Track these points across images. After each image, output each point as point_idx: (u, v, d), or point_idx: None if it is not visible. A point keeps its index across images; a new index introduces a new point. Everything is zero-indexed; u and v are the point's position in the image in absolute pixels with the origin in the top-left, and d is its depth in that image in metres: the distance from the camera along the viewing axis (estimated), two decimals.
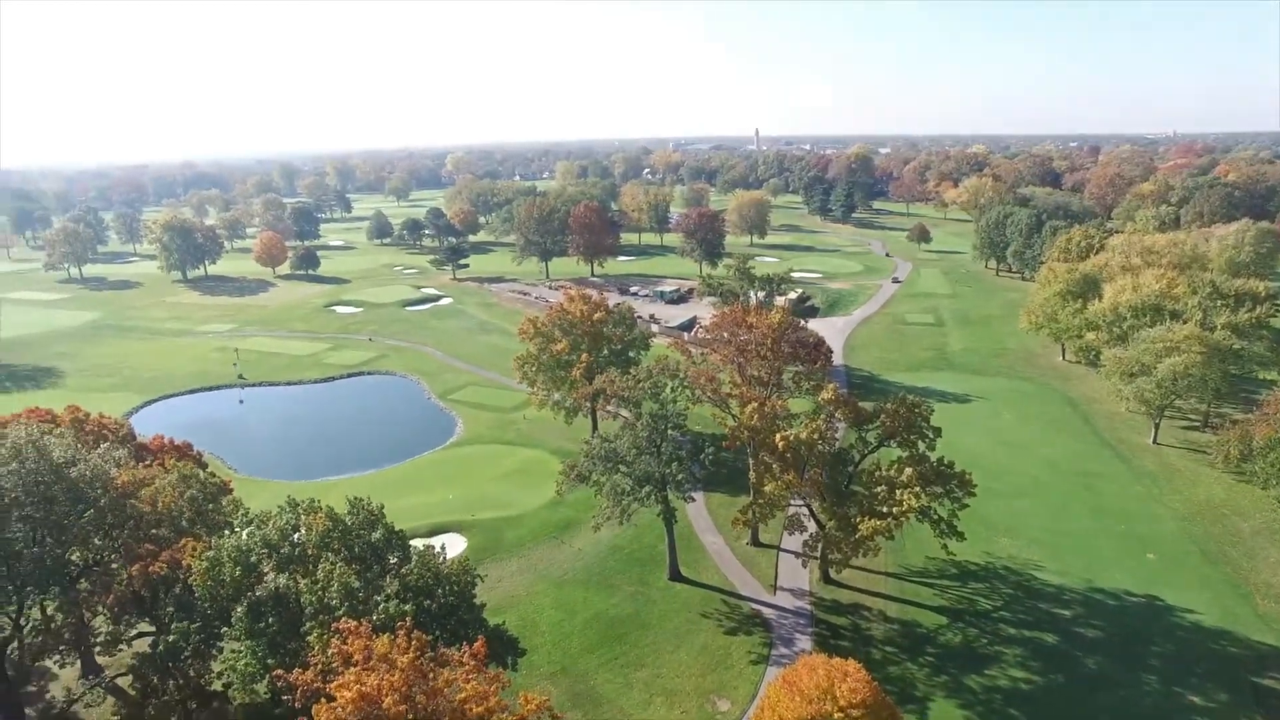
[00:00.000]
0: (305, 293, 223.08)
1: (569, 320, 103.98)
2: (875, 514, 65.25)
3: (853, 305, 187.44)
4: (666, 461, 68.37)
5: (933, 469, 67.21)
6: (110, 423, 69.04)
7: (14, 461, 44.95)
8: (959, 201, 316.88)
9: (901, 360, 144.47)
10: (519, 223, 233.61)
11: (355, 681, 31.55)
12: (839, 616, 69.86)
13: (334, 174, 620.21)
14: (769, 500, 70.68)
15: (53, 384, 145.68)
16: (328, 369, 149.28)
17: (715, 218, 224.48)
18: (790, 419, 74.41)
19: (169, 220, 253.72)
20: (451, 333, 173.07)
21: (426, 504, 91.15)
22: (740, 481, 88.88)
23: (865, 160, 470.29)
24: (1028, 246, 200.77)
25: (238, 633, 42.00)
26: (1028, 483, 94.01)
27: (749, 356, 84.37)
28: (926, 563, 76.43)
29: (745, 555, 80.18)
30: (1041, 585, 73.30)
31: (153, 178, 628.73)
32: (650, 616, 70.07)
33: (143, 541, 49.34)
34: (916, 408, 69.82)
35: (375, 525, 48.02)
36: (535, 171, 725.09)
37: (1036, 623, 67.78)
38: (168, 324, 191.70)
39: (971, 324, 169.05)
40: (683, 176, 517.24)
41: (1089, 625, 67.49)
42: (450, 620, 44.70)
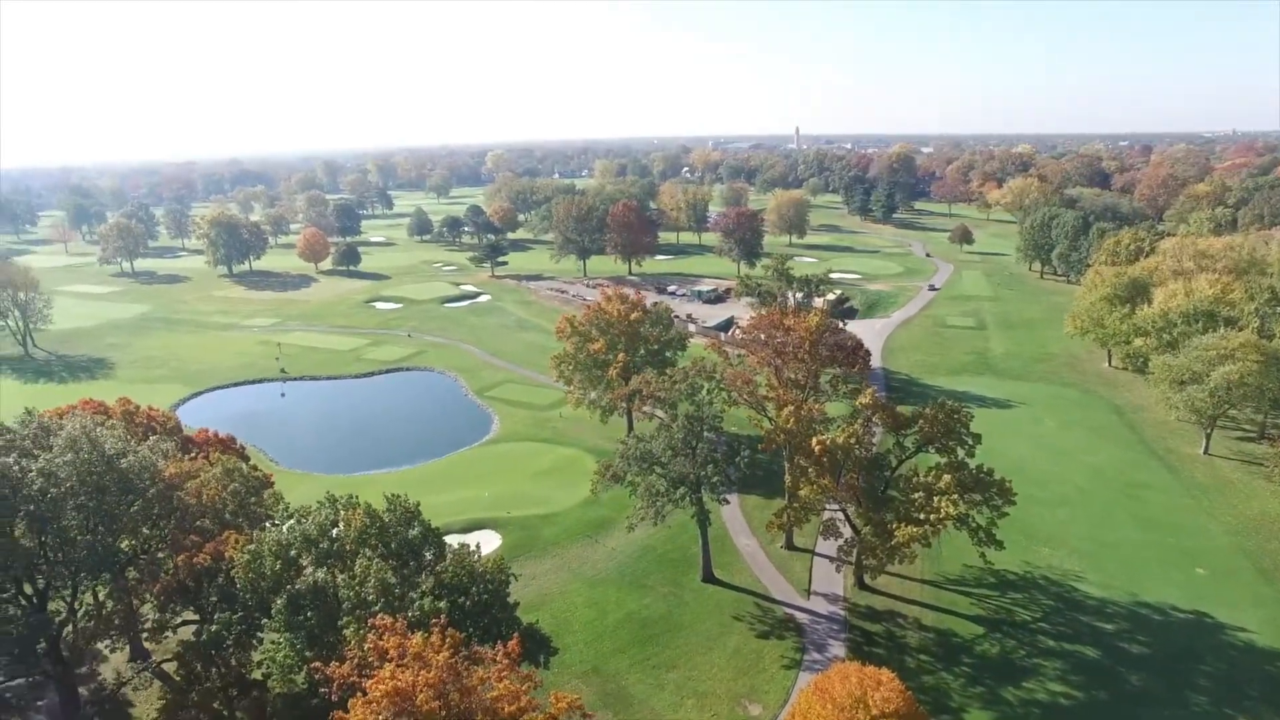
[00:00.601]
0: (346, 288, 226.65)
1: (606, 320, 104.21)
2: (912, 521, 64.33)
3: (892, 307, 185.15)
4: (702, 463, 68.15)
5: (972, 476, 65.99)
6: (158, 415, 70.96)
7: (70, 452, 46.51)
8: (1003, 202, 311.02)
9: (941, 364, 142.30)
10: (557, 221, 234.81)
11: (390, 678, 32.02)
12: (873, 623, 69.03)
13: (376, 171, 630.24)
14: (804, 504, 70.23)
15: (105, 374, 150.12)
16: (367, 364, 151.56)
17: (754, 217, 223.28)
18: (827, 423, 73.65)
19: (216, 216, 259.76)
20: (489, 330, 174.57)
21: (462, 500, 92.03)
22: (776, 484, 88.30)
23: (907, 160, 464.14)
24: (1074, 249, 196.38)
25: (277, 625, 42.91)
26: (1070, 491, 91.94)
27: (786, 359, 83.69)
28: (964, 571, 75.15)
29: (779, 559, 79.65)
30: (1083, 597, 71.58)
31: (201, 174, 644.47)
32: (683, 618, 69.96)
33: (188, 533, 50.72)
34: (955, 413, 68.64)
35: (412, 522, 48.66)
36: (574, 169, 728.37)
37: (1077, 636, 66.20)
38: (214, 318, 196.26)
39: (1014, 328, 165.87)
40: (721, 175, 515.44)
41: (1133, 640, 65.71)
42: (484, 618, 45.09)
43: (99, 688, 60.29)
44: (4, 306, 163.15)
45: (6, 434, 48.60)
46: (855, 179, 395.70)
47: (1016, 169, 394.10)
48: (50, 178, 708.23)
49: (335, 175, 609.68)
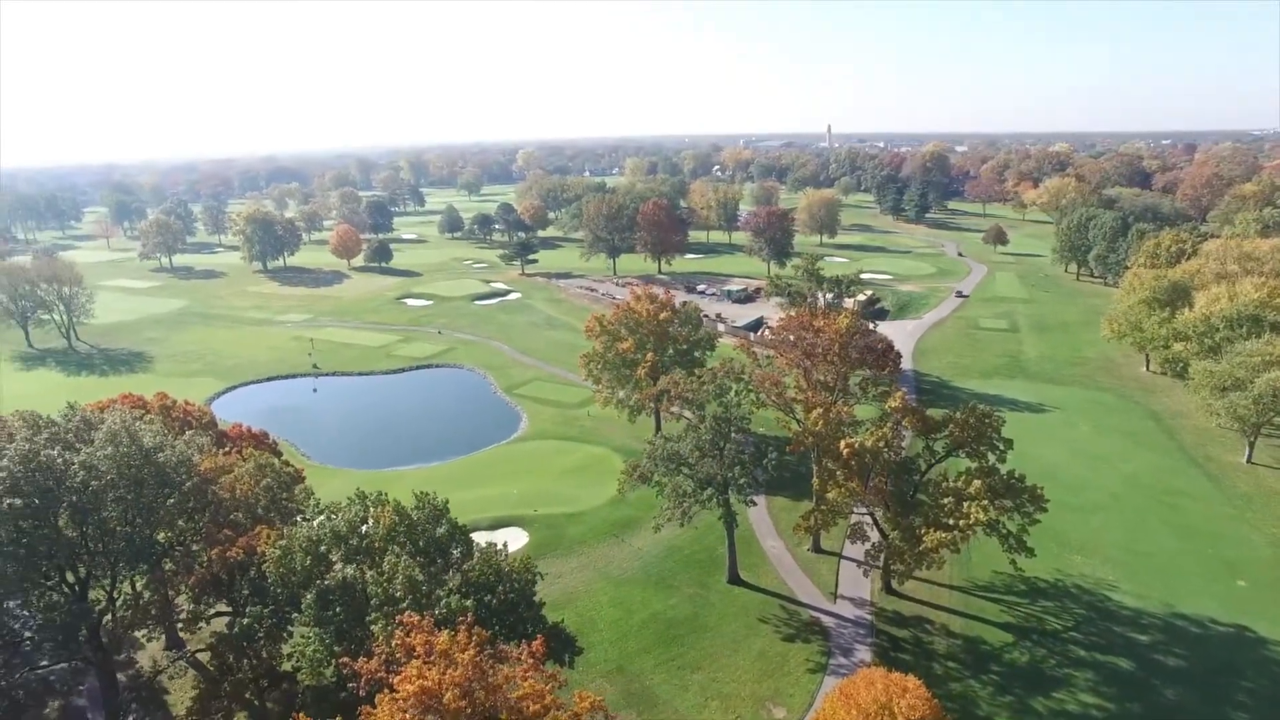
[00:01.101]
0: (378, 285, 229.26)
1: (635, 319, 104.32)
2: (941, 526, 63.61)
3: (924, 308, 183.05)
4: (729, 465, 67.98)
5: (1003, 482, 65.09)
6: (194, 410, 72.48)
7: (110, 446, 47.73)
8: (1039, 202, 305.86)
9: (973, 366, 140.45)
10: (588, 219, 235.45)
11: (417, 675, 32.41)
12: (900, 629, 68.38)
13: (408, 168, 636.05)
14: (831, 508, 69.75)
15: (144, 368, 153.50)
16: (398, 360, 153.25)
17: (784, 216, 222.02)
18: (856, 425, 73.11)
19: (252, 213, 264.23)
20: (519, 327, 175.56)
21: (490, 497, 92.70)
22: (803, 486, 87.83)
23: (941, 158, 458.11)
24: (1111, 250, 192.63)
25: (307, 619, 43.66)
26: (1105, 498, 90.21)
27: (815, 361, 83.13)
28: (993, 577, 74.11)
29: (806, 561, 79.20)
30: (1117, 607, 70.22)
31: (238, 171, 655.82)
32: (708, 619, 69.87)
33: (222, 527, 51.82)
34: (987, 418, 67.74)
35: (440, 520, 49.18)
36: (605, 167, 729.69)
37: (1110, 646, 64.97)
38: (248, 313, 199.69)
39: (1048, 330, 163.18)
40: (752, 174, 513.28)
41: (1169, 653, 64.28)
42: (510, 617, 45.46)
43: (136, 675, 61.87)
44: (49, 301, 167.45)
45: (51, 427, 49.99)
46: (888, 178, 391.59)
47: (1053, 168, 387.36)
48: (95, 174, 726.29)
49: (368, 172, 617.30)
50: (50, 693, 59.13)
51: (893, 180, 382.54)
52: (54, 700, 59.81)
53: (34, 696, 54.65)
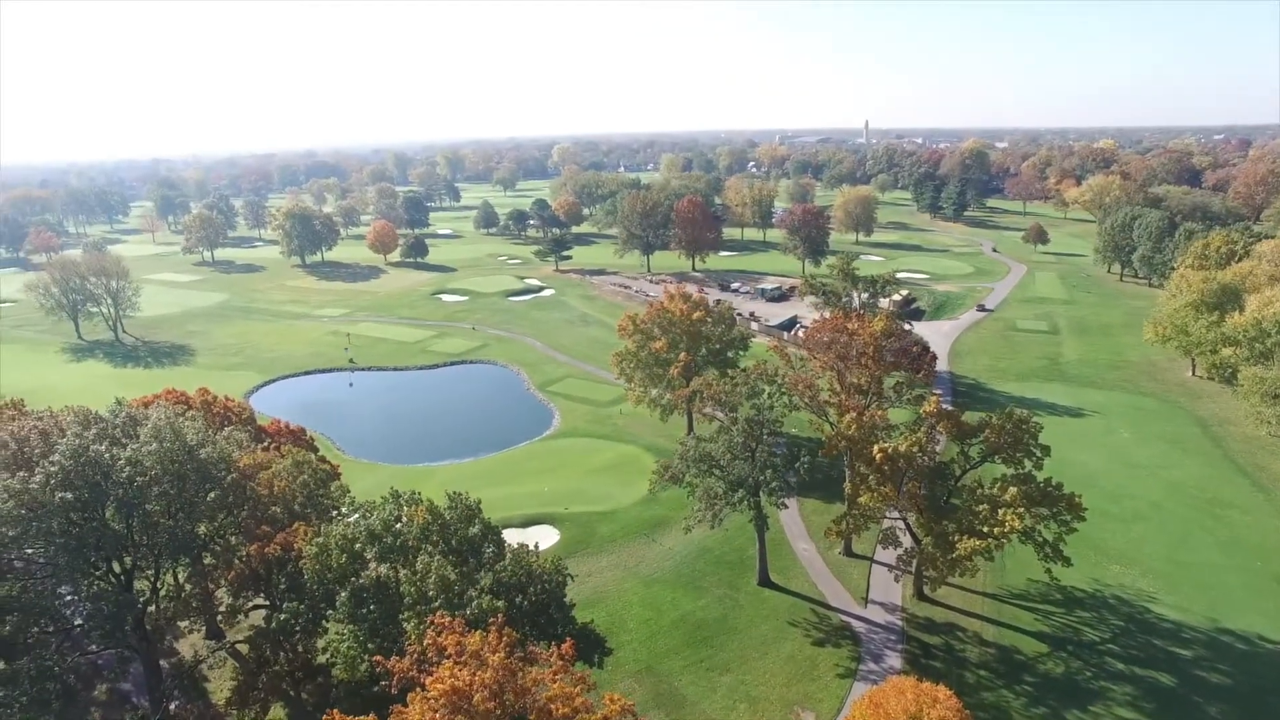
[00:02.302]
0: (414, 280, 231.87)
1: (668, 319, 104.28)
2: (975, 533, 62.78)
3: (960, 309, 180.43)
4: (761, 467, 67.79)
5: (1039, 489, 63.97)
6: (234, 405, 74.10)
7: (154, 442, 49.14)
8: (1081, 201, 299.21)
9: (1010, 369, 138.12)
10: (622, 216, 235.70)
11: (449, 676, 32.93)
12: (932, 635, 67.70)
13: (444, 164, 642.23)
14: (863, 512, 69.26)
15: (186, 361, 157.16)
16: (432, 356, 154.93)
17: (820, 214, 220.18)
18: (889, 429, 72.41)
19: (291, 208, 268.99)
20: (552, 324, 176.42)
21: (522, 495, 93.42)
22: (835, 488, 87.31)
23: (980, 155, 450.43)
24: (1157, 251, 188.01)
25: (341, 616, 44.56)
26: (1145, 507, 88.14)
27: (849, 363, 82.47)
28: (1028, 585, 73.00)
29: (837, 565, 78.73)
30: (1157, 620, 68.65)
31: (278, 166, 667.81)
32: (738, 621, 69.83)
33: (260, 522, 53.06)
34: (1024, 424, 66.67)
35: (472, 520, 49.78)
36: (640, 163, 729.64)
37: (1150, 660, 63.58)
38: (287, 307, 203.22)
39: (1089, 332, 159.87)
40: (788, 171, 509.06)
41: (1213, 669, 62.59)
42: (540, 618, 45.93)
43: (178, 663, 63.55)
44: (98, 294, 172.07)
45: (99, 423, 51.52)
46: (925, 175, 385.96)
47: (1097, 165, 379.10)
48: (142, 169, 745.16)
49: (405, 168, 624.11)
50: (99, 677, 61.23)
51: (930, 177, 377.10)
52: (102, 684, 61.89)
53: (84, 680, 56.66)
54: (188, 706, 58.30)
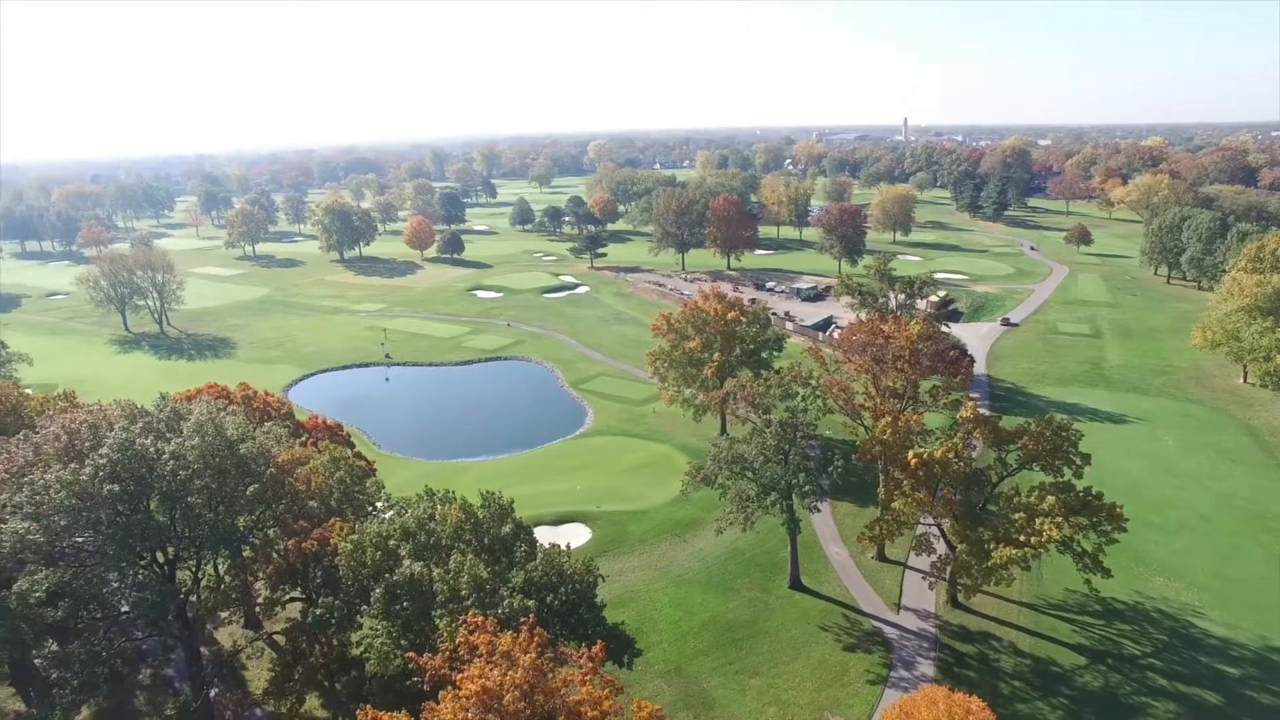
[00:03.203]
0: (450, 276, 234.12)
1: (703, 318, 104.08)
2: (1011, 542, 61.64)
3: (1000, 310, 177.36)
4: (794, 471, 67.33)
5: (1079, 498, 62.57)
6: (274, 401, 75.61)
7: (197, 437, 50.38)
8: (1127, 200, 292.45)
9: (1050, 373, 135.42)
10: (657, 213, 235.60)
11: (479, 676, 33.32)
12: (966, 644, 66.75)
13: (481, 160, 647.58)
14: (897, 518, 68.44)
15: (228, 354, 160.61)
16: (467, 352, 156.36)
17: (857, 214, 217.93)
18: (925, 435, 71.52)
19: (330, 203, 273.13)
20: (587, 321, 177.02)
21: (554, 492, 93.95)
22: (869, 492, 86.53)
23: (1022, 153, 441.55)
24: (1208, 253, 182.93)
25: (375, 612, 45.26)
26: (1191, 519, 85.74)
27: (885, 367, 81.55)
28: (1066, 595, 71.59)
29: (869, 569, 78.02)
30: (1202, 635, 66.73)
31: (319, 162, 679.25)
32: (768, 624, 69.53)
33: (297, 517, 54.13)
34: (1064, 431, 65.34)
35: (505, 519, 50.24)
36: (676, 160, 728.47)
37: (1195, 677, 61.81)
38: (325, 302, 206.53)
39: (1133, 337, 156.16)
40: (825, 168, 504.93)
41: (1263, 689, 60.57)
42: (571, 618, 46.22)
43: (218, 652, 65.28)
44: (144, 288, 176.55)
45: (145, 417, 52.92)
46: (965, 174, 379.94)
47: (1144, 164, 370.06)
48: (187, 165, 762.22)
49: (442, 164, 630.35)
50: (143, 662, 63.28)
51: (970, 176, 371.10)
52: (146, 669, 63.85)
53: (130, 664, 58.83)
54: (227, 695, 59.81)
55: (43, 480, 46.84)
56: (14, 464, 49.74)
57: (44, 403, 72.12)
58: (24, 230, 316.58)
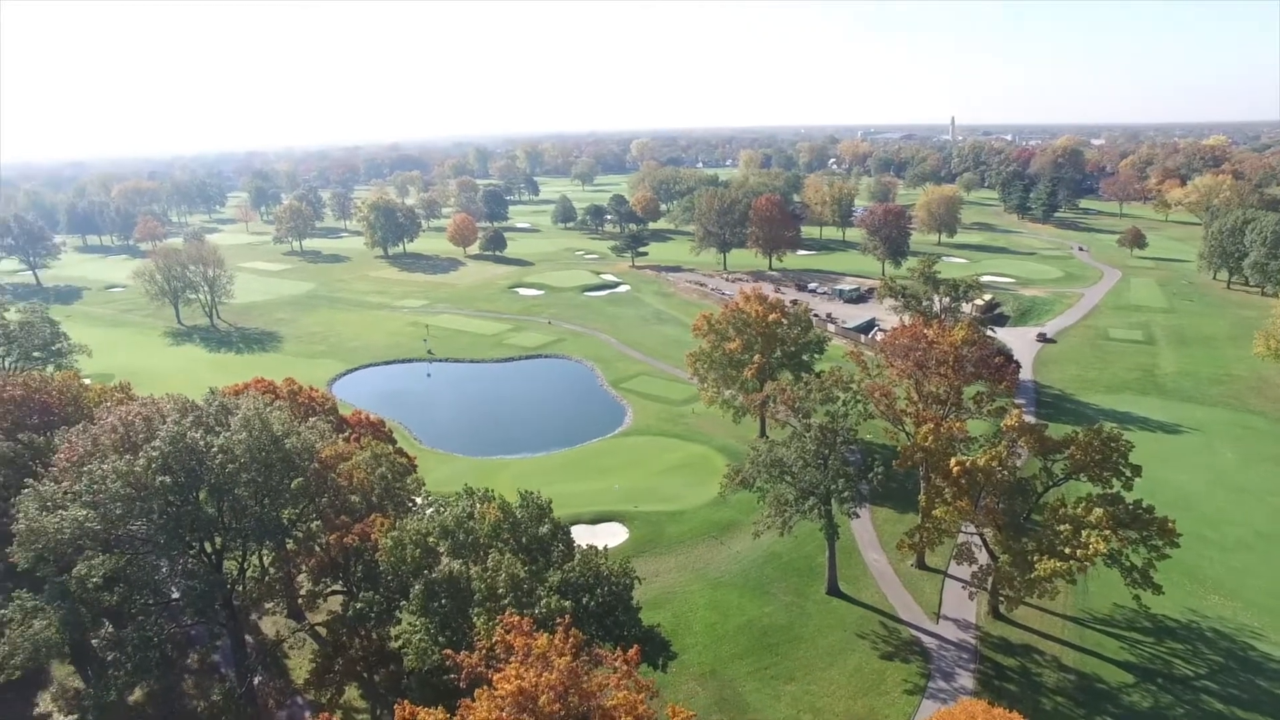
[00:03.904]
0: (492, 273, 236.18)
1: (743, 319, 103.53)
2: (1056, 554, 60.18)
3: (1047, 315, 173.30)
4: (833, 476, 66.69)
5: (1128, 511, 60.85)
6: (318, 396, 77.19)
7: (244, 431, 51.77)
8: (1185, 202, 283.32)
9: (1100, 380, 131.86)
10: (699, 213, 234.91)
11: (515, 676, 33.62)
12: (1007, 656, 65.46)
13: (524, 157, 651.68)
14: (938, 526, 67.34)
15: (274, 347, 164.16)
16: (508, 349, 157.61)
17: (901, 214, 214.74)
18: (968, 442, 70.28)
19: (376, 200, 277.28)
20: (627, 320, 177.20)
21: (592, 491, 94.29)
22: (909, 498, 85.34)
23: (1074, 153, 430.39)
24: (1273, 257, 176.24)
25: (414, 608, 45.96)
26: (1249, 535, 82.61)
27: (927, 372, 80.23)
28: (1114, 610, 69.74)
29: (909, 577, 76.93)
30: (1261, 658, 64.26)
31: (364, 159, 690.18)
32: (804, 630, 68.99)
33: (339, 512, 55.23)
34: (1113, 441, 63.65)
35: (543, 519, 50.63)
36: (718, 159, 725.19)
37: (1254, 702, 59.48)
38: (369, 297, 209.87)
39: (1189, 344, 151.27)
40: (870, 168, 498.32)
41: None
42: (607, 619, 46.39)
43: (262, 640, 66.88)
44: (196, 282, 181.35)
45: (195, 411, 54.48)
46: (1014, 174, 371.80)
47: (1205, 164, 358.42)
48: (238, 161, 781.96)
49: (486, 161, 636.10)
50: (192, 647, 65.26)
51: (1019, 176, 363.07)
52: (194, 654, 65.79)
53: (179, 649, 60.79)
54: (270, 682, 61.24)
55: (100, 470, 48.52)
56: (74, 453, 51.63)
57: (102, 394, 74.50)
58: (86, 225, 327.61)
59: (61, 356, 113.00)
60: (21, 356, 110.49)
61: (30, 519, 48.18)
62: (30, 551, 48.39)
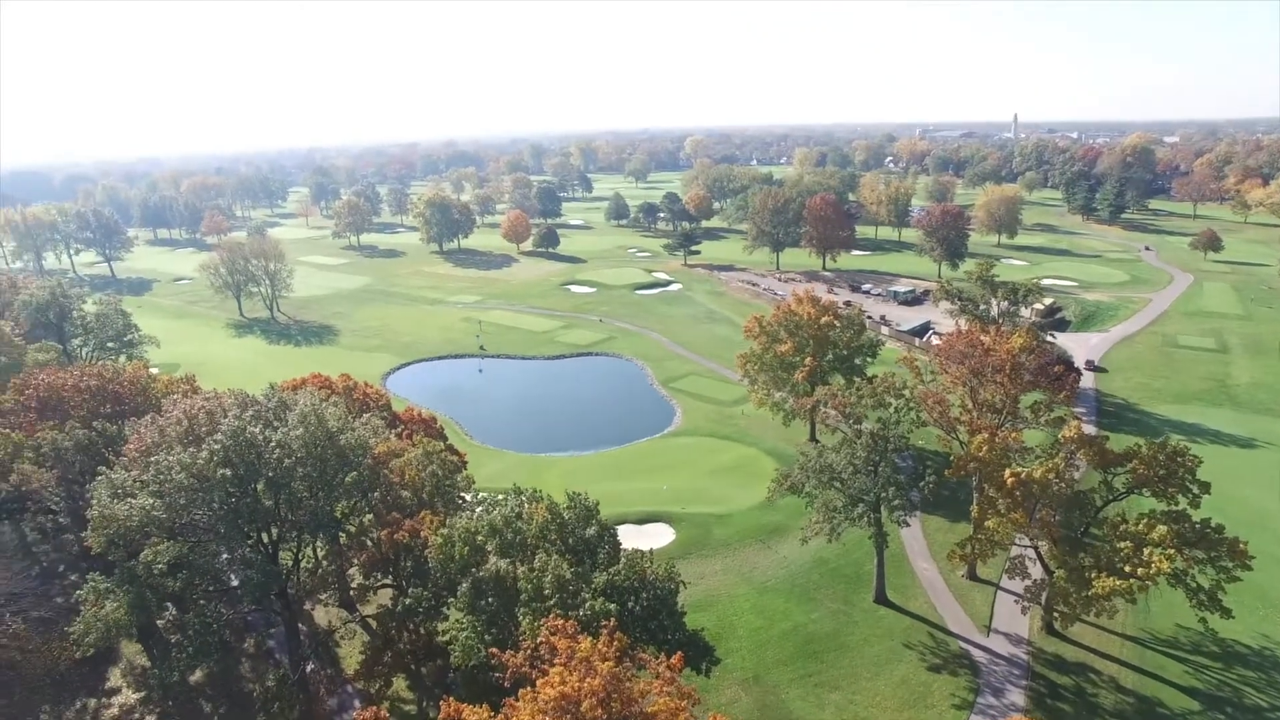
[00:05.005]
0: (544, 270, 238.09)
1: (795, 321, 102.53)
2: (1115, 571, 58.13)
3: (1111, 320, 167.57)
4: (883, 484, 65.67)
5: (1194, 530, 58.44)
6: (373, 392, 79.00)
7: (301, 427, 53.27)
8: (1268, 203, 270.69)
9: (1167, 389, 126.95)
10: (753, 212, 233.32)
11: (559, 682, 33.93)
12: (1061, 674, 63.64)
13: (578, 154, 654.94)
14: (990, 537, 65.64)
15: (331, 340, 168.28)
16: (559, 347, 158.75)
17: (959, 215, 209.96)
18: (1024, 452, 68.37)
19: (431, 196, 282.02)
20: (678, 319, 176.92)
21: (640, 491, 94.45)
22: (961, 507, 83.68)
23: (1144, 152, 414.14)
24: None
25: (461, 606, 46.78)
26: None
27: (983, 380, 78.34)
28: (1177, 632, 67.20)
29: (959, 588, 75.39)
30: None
31: (421, 155, 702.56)
32: (851, 638, 68.16)
33: (391, 508, 56.51)
34: (1179, 457, 61.18)
35: (590, 521, 51.02)
36: (773, 156, 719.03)
37: None
38: (423, 292, 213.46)
39: (1267, 353, 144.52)
40: (927, 167, 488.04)
41: None
42: (651, 623, 46.53)
43: (314, 629, 68.85)
44: (258, 275, 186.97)
45: (255, 405, 56.28)
46: (1079, 174, 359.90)
47: None
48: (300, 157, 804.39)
49: (540, 158, 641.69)
50: (249, 632, 67.47)
51: (1084, 176, 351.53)
52: (251, 639, 68.11)
53: (236, 634, 62.86)
54: (322, 671, 62.93)
55: (165, 461, 50.47)
56: (143, 444, 53.85)
57: (169, 385, 77.44)
58: (157, 219, 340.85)
59: (132, 347, 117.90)
60: (97, 346, 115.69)
61: (102, 505, 50.45)
62: (102, 536, 50.76)
